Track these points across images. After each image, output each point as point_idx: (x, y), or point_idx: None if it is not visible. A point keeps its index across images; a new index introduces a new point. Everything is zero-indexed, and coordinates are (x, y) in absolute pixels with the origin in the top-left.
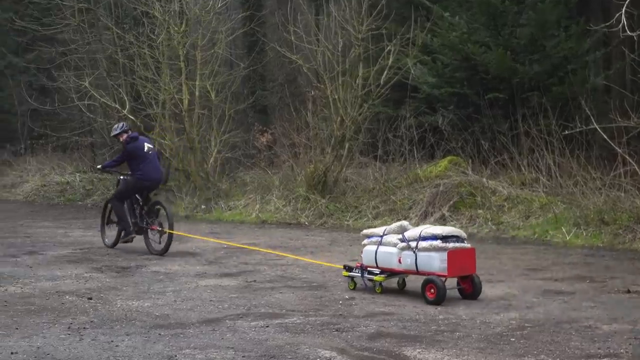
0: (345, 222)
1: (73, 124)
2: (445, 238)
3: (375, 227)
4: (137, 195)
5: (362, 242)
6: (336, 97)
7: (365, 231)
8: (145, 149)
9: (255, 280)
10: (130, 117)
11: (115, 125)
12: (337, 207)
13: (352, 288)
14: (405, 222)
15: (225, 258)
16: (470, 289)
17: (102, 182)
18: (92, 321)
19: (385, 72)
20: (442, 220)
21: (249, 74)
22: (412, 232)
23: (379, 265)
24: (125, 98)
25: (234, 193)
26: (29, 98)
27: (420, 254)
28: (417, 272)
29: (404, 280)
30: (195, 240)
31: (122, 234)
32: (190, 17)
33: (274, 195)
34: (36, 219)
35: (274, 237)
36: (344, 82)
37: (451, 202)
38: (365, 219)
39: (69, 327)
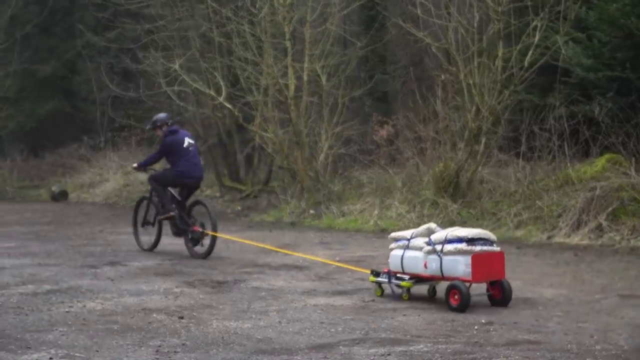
0: None
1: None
2: (471, 241)
3: (517, 237)
4: (176, 195)
5: (390, 246)
6: (471, 82)
7: (393, 234)
8: (186, 143)
9: (373, 300)
10: (227, 105)
11: (155, 117)
12: (470, 214)
13: (379, 295)
14: (433, 225)
15: (338, 273)
16: (499, 295)
17: None
18: (184, 344)
19: (531, 52)
20: (599, 231)
21: (366, 55)
22: (439, 234)
23: (405, 270)
24: (222, 83)
25: (348, 196)
26: (110, 83)
27: (445, 258)
28: (443, 278)
29: (434, 287)
30: (303, 254)
31: (162, 210)
32: None
33: (396, 198)
34: (118, 225)
35: None
36: (480, 64)
37: (610, 209)
38: (505, 228)
39: (157, 351)
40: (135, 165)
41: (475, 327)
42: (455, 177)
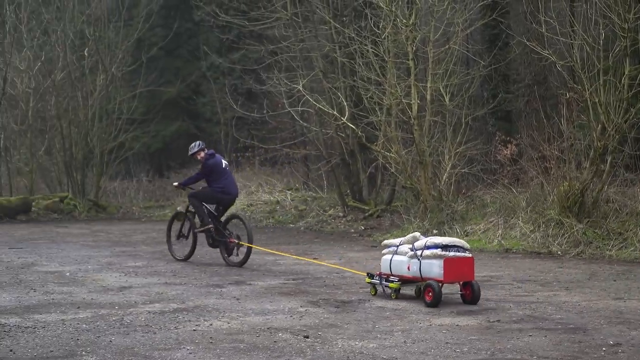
0: (607, 252)
1: (283, 134)
2: (445, 247)
3: None
4: (212, 210)
5: (382, 252)
6: (596, 100)
7: (385, 242)
8: (223, 165)
9: (499, 320)
10: (350, 125)
11: (192, 144)
12: (596, 234)
13: (373, 294)
14: (417, 234)
15: None
16: (470, 296)
17: (317, 202)
18: None
19: None
20: None
21: (489, 74)
22: (421, 242)
23: (393, 272)
24: (345, 103)
25: (471, 215)
26: (234, 104)
27: (424, 262)
28: (422, 278)
29: (420, 288)
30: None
31: (200, 224)
32: (420, 7)
33: (520, 218)
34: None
35: (519, 269)
36: (606, 81)
37: None
38: (632, 249)
39: None
40: (176, 184)
41: (603, 349)
42: (580, 197)
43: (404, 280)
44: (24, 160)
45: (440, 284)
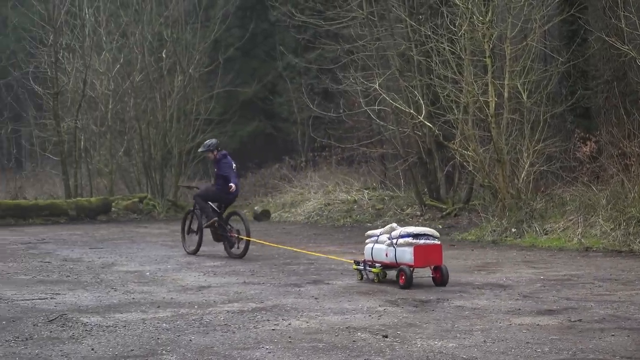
0: None
1: (360, 133)
2: (416, 236)
3: None
4: (215, 208)
5: (365, 242)
6: None
7: (368, 232)
8: (234, 166)
9: (580, 320)
10: (427, 123)
11: (207, 142)
12: None
13: (359, 279)
14: (395, 224)
15: (543, 292)
16: (440, 279)
17: (394, 201)
18: None
19: None
20: None
21: (567, 70)
22: (397, 231)
23: (374, 259)
24: (421, 102)
25: (550, 214)
26: (310, 104)
27: (398, 249)
28: (397, 264)
29: (399, 272)
30: (505, 271)
31: (206, 219)
32: (496, 3)
33: (600, 216)
34: (320, 243)
35: (600, 268)
36: None
37: None
38: None
39: None
40: (190, 185)
41: None
42: None
43: (384, 266)
44: (104, 162)
45: (411, 269)
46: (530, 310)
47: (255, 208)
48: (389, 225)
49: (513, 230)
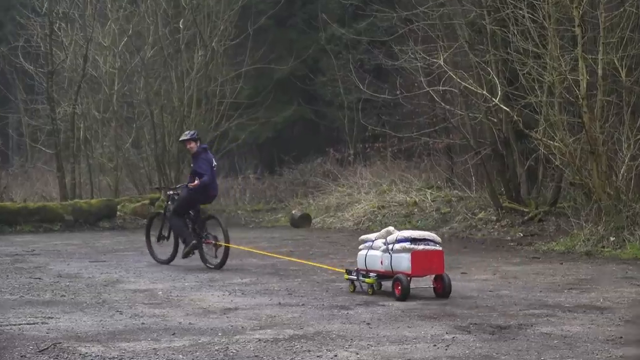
0: None
1: (421, 120)
2: (415, 240)
3: None
4: (190, 211)
5: (359, 247)
6: None
7: (361, 237)
8: (214, 163)
9: None
10: (504, 107)
11: (187, 132)
12: None
13: (352, 291)
14: (391, 228)
15: None
16: (440, 289)
17: (464, 203)
18: None
19: None
20: None
21: None
22: (393, 236)
23: (368, 267)
24: (496, 81)
25: None
26: (360, 84)
27: (394, 255)
28: (392, 272)
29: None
30: (602, 290)
31: (184, 246)
32: None
33: None
34: None
35: None
36: None
37: None
38: None
39: None
40: (170, 192)
41: None
42: None
43: (379, 275)
44: (108, 155)
45: (408, 278)
46: (635, 339)
47: (293, 212)
48: (385, 229)
49: (611, 239)
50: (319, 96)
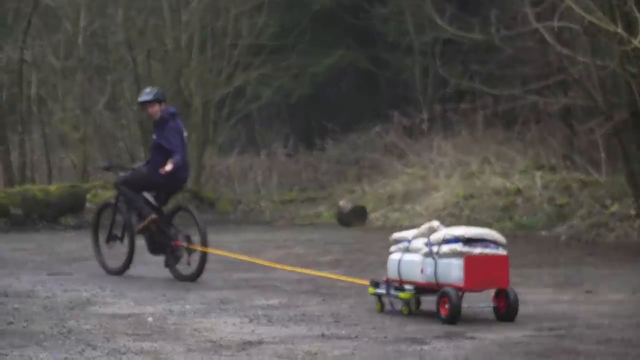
0: None
1: (526, 70)
2: (469, 241)
3: None
4: (151, 199)
5: (390, 249)
6: None
7: (394, 235)
8: (185, 134)
9: None
10: None
11: (148, 90)
12: None
13: (378, 310)
14: (436, 223)
15: None
16: (504, 308)
17: (588, 191)
18: None
19: None
20: None
21: None
22: (438, 234)
23: (403, 277)
24: (636, 13)
25: None
26: (437, 17)
27: (440, 261)
28: (437, 284)
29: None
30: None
31: (139, 219)
32: None
33: None
34: None
35: None
36: None
37: None
38: None
39: None
40: (104, 164)
41: None
42: None
43: (419, 288)
44: (72, 121)
45: (460, 293)
46: None
47: (341, 203)
48: (426, 224)
49: None
50: (377, 36)
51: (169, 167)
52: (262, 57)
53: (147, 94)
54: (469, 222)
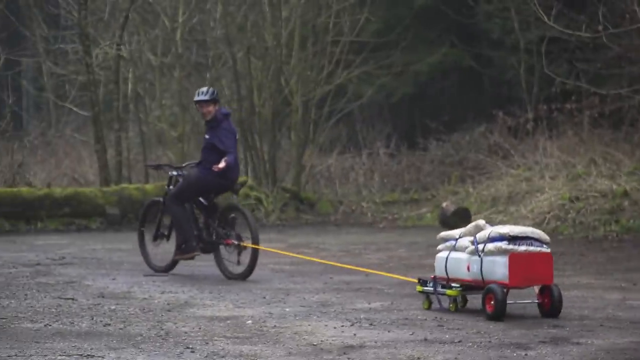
0: None
1: (633, 70)
2: (514, 239)
3: None
4: (201, 199)
5: (437, 247)
6: None
7: (442, 234)
8: (237, 135)
9: None
10: None
11: (204, 89)
12: None
13: (426, 308)
14: (482, 222)
15: None
16: (548, 304)
17: None
18: None
19: None
20: None
21: None
22: (484, 232)
23: (449, 275)
24: None
25: None
26: (543, 15)
27: (486, 259)
28: (483, 282)
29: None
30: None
31: (182, 247)
32: None
33: None
34: (562, 270)
35: None
36: None
37: None
38: None
39: None
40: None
41: None
42: None
43: (465, 286)
44: (169, 119)
45: (505, 289)
46: None
47: (444, 205)
48: (473, 223)
49: None
50: (481, 33)
51: (222, 164)
52: (363, 55)
53: (203, 94)
54: (575, 225)
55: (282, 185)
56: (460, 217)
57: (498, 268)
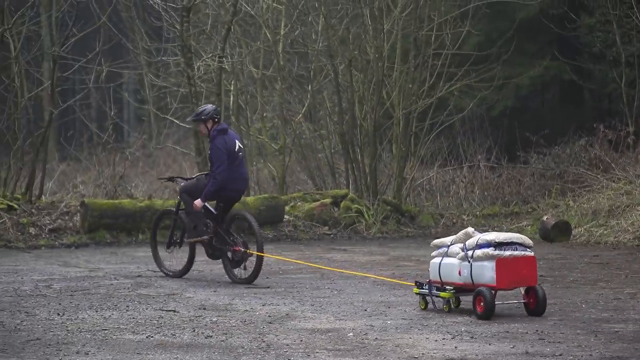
0: None
1: None
2: (500, 245)
3: None
4: (211, 208)
5: (431, 254)
6: None
7: (435, 241)
8: (237, 147)
9: None
10: None
11: (202, 108)
12: None
13: (422, 308)
14: (471, 229)
15: None
16: (533, 304)
17: None
18: None
19: None
20: None
21: None
22: (473, 239)
23: (443, 279)
24: None
25: None
26: None
27: (475, 264)
28: (473, 285)
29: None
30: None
31: (194, 231)
32: None
33: None
34: None
35: None
36: None
37: None
38: None
39: None
40: (165, 177)
41: None
42: None
43: (457, 288)
44: (270, 132)
45: (493, 291)
46: None
47: (545, 218)
48: (463, 231)
49: None
50: (582, 46)
51: (197, 202)
52: (464, 68)
53: (193, 114)
54: None
55: (383, 197)
56: (561, 230)
57: (486, 272)
